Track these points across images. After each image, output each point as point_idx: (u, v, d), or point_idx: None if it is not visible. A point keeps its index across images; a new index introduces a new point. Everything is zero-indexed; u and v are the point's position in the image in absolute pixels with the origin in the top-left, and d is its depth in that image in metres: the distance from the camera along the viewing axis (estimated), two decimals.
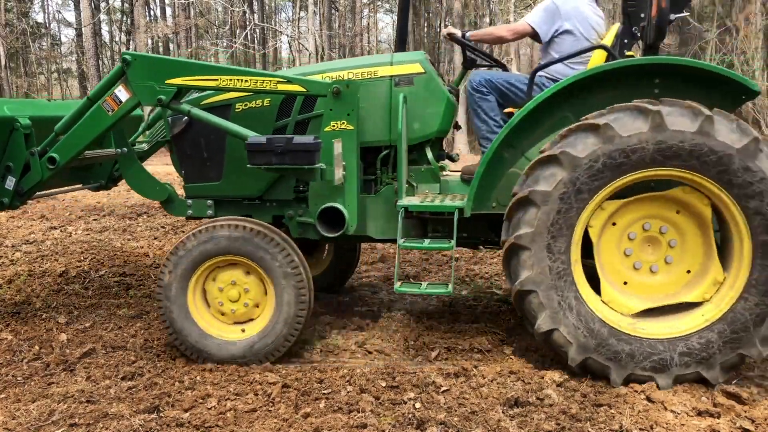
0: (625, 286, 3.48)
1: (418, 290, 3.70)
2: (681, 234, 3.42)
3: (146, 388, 3.37)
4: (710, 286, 3.35)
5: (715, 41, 23.08)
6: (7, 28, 30.12)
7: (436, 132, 4.01)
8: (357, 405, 3.10)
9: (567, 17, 3.98)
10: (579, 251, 3.38)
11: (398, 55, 4.07)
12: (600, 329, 3.32)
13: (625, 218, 3.44)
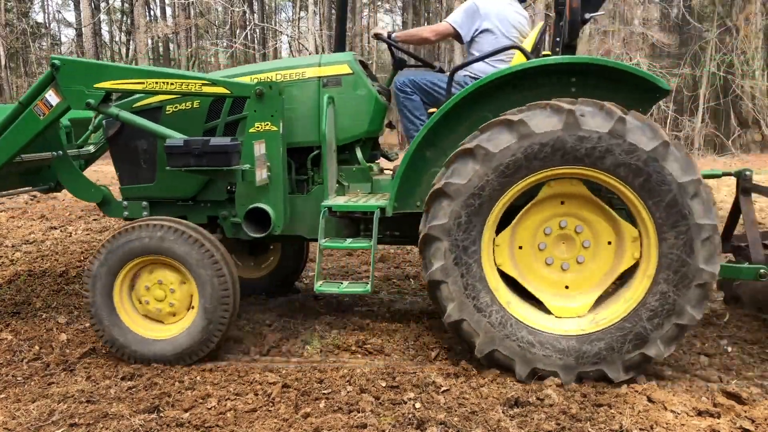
0: (568, 290, 3.51)
1: (338, 290, 3.71)
2: (582, 220, 3.45)
3: (146, 388, 3.37)
4: (632, 244, 3.37)
5: (715, 41, 23.07)
6: (7, 28, 30.11)
7: (365, 132, 4.06)
8: (357, 405, 3.10)
9: (487, 17, 4.03)
10: (491, 244, 3.41)
11: (326, 56, 4.12)
12: (509, 323, 3.35)
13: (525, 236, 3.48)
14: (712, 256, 3.18)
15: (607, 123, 3.15)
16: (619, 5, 22.95)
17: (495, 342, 3.36)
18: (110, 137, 4.19)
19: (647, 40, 23.29)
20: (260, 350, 3.97)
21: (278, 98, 3.69)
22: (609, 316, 3.34)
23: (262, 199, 3.75)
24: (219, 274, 3.59)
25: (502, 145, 3.22)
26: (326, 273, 5.83)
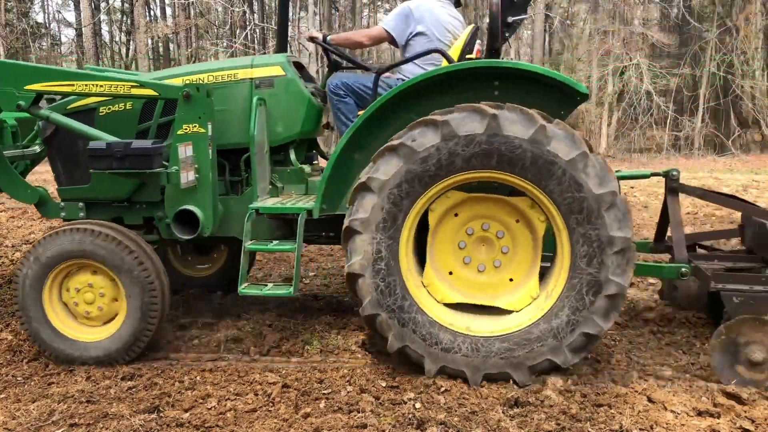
0: (450, 276, 3.53)
1: (261, 292, 3.71)
2: (515, 242, 3.49)
3: (146, 388, 3.37)
4: (524, 298, 3.43)
5: (715, 41, 23.07)
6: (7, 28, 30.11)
7: (298, 133, 4.07)
8: (357, 405, 3.10)
9: (420, 20, 4.04)
10: (411, 241, 3.43)
11: (259, 57, 4.14)
12: (422, 320, 3.37)
13: (468, 213, 3.49)
14: (623, 269, 3.21)
15: (528, 130, 3.18)
16: (619, 5, 22.95)
17: (406, 338, 3.38)
18: (46, 138, 4.20)
19: (647, 40, 23.29)
20: (260, 350, 3.97)
21: (206, 100, 3.71)
22: (519, 320, 3.38)
23: (191, 201, 3.76)
24: (145, 276, 3.60)
25: (425, 144, 3.25)
26: (326, 273, 5.83)
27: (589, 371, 3.56)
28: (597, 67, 23.46)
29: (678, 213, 3.89)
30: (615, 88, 22.94)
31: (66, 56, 38.72)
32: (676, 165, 20.24)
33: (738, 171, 17.27)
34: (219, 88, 3.92)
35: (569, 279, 3.26)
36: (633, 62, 21.88)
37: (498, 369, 3.33)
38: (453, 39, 4.10)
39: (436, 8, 4.10)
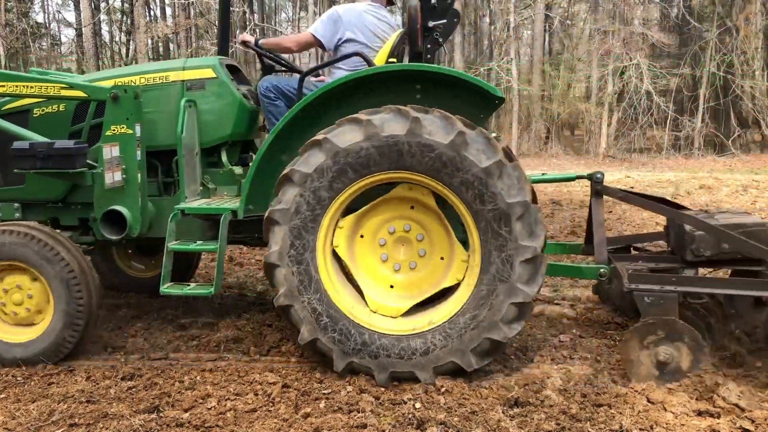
0: (392, 289, 3.56)
1: (182, 291, 3.73)
2: (423, 227, 3.51)
3: (146, 388, 3.37)
4: (460, 265, 3.43)
5: (715, 41, 23.06)
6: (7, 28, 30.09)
7: (229, 135, 4.10)
8: (357, 405, 3.10)
9: (349, 26, 4.08)
10: (329, 237, 3.46)
11: (191, 60, 4.19)
12: (335, 315, 3.39)
13: (370, 228, 3.54)
14: (531, 277, 3.25)
15: (447, 135, 3.21)
16: (619, 5, 22.95)
17: (317, 331, 3.40)
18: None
19: (647, 40, 23.29)
20: (260, 350, 3.97)
21: (134, 102, 3.75)
22: (425, 322, 3.40)
23: (118, 202, 3.81)
24: (70, 277, 3.61)
25: (348, 141, 3.29)
26: None
27: (589, 371, 3.56)
28: (597, 67, 23.46)
29: (601, 215, 3.93)
30: (615, 88, 22.93)
31: (66, 56, 38.72)
32: (676, 165, 20.28)
33: (738, 171, 17.28)
34: (150, 90, 3.96)
35: (478, 284, 3.29)
36: (633, 62, 21.88)
37: (404, 368, 3.36)
38: (382, 43, 4.13)
39: (365, 14, 4.15)
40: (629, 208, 9.62)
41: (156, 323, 4.52)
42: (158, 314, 4.73)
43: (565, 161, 22.17)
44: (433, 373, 3.35)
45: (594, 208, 3.97)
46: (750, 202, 10.11)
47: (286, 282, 3.40)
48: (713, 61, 22.89)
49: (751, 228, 3.66)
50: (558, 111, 24.61)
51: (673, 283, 3.44)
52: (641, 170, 18.16)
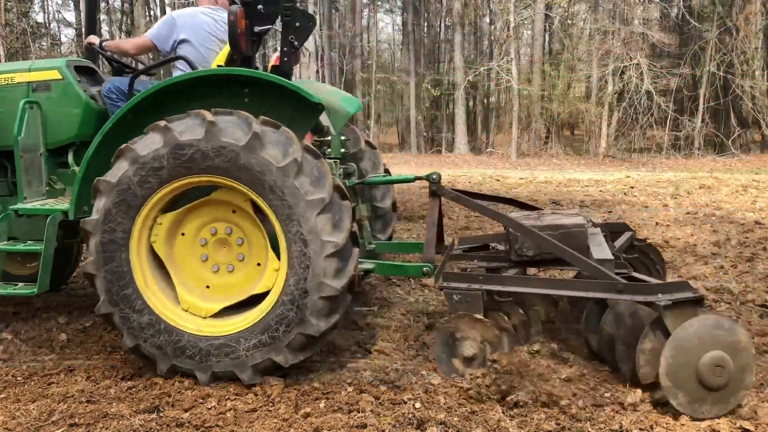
0: (209, 289, 3.58)
1: (5, 291, 3.75)
2: (244, 231, 3.54)
3: (146, 388, 3.37)
4: (271, 274, 3.46)
5: (715, 41, 23.07)
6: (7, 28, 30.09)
7: (76, 136, 4.12)
8: (357, 405, 3.10)
9: (183, 28, 4.12)
10: (144, 242, 3.47)
11: (38, 62, 4.23)
12: (153, 321, 3.42)
13: (192, 226, 3.56)
14: (338, 271, 3.28)
15: (244, 136, 3.24)
16: (619, 5, 22.96)
17: (138, 336, 3.42)
18: None
19: (647, 40, 23.30)
20: None
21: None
22: (241, 322, 3.42)
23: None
24: None
25: (149, 148, 3.31)
26: None
27: (589, 371, 3.56)
28: (597, 67, 23.47)
29: (435, 214, 3.96)
30: (615, 88, 22.94)
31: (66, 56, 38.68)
32: (676, 165, 20.29)
33: (738, 171, 17.28)
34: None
35: (287, 280, 3.32)
36: (633, 62, 21.88)
37: (225, 368, 3.40)
38: (221, 44, 4.16)
39: (201, 15, 4.17)
40: (628, 208, 9.63)
41: None
42: None
43: (565, 161, 22.18)
44: (252, 371, 3.38)
45: (430, 208, 4.01)
46: (750, 202, 10.11)
47: (104, 290, 3.43)
48: (713, 61, 22.91)
49: (570, 229, 3.75)
50: (558, 111, 24.62)
51: (479, 282, 3.50)
52: (641, 170, 18.16)
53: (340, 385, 3.35)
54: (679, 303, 3.10)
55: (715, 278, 5.52)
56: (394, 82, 31.45)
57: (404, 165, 21.30)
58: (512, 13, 24.06)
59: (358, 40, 30.24)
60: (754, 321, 4.37)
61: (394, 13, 38.72)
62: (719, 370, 2.92)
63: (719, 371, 2.92)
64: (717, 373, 2.92)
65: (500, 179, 14.46)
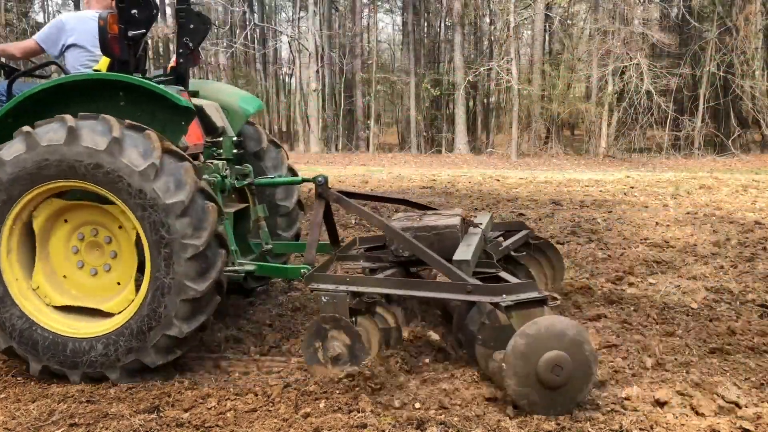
0: (65, 279, 3.64)
1: None
2: (120, 247, 3.59)
3: (146, 388, 3.37)
4: (123, 302, 3.53)
5: (715, 41, 23.07)
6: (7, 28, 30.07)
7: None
8: (357, 405, 3.09)
9: (73, 32, 4.15)
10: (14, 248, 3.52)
11: None
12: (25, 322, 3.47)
13: (77, 219, 3.60)
14: (199, 274, 3.32)
15: (104, 140, 3.27)
16: (619, 5, 22.95)
17: (10, 338, 3.47)
18: None
19: (647, 40, 23.30)
20: (260, 350, 3.97)
21: None
22: (114, 323, 3.46)
23: None
24: None
25: (13, 153, 3.35)
26: None
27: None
28: (597, 67, 23.47)
29: (319, 216, 3.98)
30: (615, 88, 22.94)
31: None
32: (676, 165, 20.28)
33: (738, 171, 17.28)
34: None
35: (151, 283, 3.35)
36: (633, 62, 21.88)
37: (93, 368, 3.44)
38: None
39: (91, 20, 4.17)
40: (628, 208, 9.64)
41: None
42: None
43: (565, 161, 22.17)
44: (120, 372, 3.43)
45: (315, 210, 4.04)
46: (750, 202, 10.11)
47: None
48: (713, 61, 22.91)
49: (442, 230, 3.81)
50: (558, 111, 24.62)
51: (346, 283, 3.53)
52: (641, 170, 18.16)
53: (339, 386, 3.35)
54: (522, 304, 3.16)
55: (715, 278, 5.52)
56: (394, 82, 31.43)
57: (404, 165, 21.29)
58: (512, 13, 24.06)
59: (358, 40, 30.22)
60: (754, 321, 4.37)
61: (394, 13, 38.73)
62: (558, 369, 2.93)
63: (558, 371, 2.94)
64: (556, 372, 2.94)
65: (500, 179, 14.46)
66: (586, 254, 6.44)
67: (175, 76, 4.28)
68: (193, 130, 4.18)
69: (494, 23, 28.75)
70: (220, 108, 4.59)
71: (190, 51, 4.10)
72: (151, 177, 3.25)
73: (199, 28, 4.08)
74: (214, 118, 4.43)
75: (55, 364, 3.46)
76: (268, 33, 34.66)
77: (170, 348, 3.42)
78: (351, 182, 13.87)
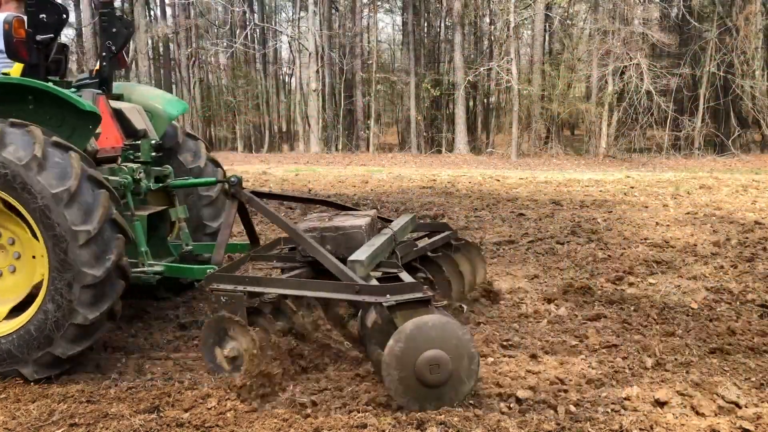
0: None
1: None
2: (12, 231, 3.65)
3: (146, 388, 3.37)
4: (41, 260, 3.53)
5: (715, 41, 23.08)
6: None
7: None
8: (357, 405, 3.10)
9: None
10: None
11: None
12: None
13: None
14: (93, 260, 3.36)
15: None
16: (619, 5, 22.95)
17: None
18: None
19: (647, 40, 23.29)
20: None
21: None
22: (18, 319, 3.50)
23: None
24: None
25: None
26: None
27: (589, 371, 3.56)
28: (597, 67, 23.47)
29: (231, 216, 3.99)
30: (615, 88, 22.95)
31: None
32: (676, 165, 20.27)
33: (738, 171, 17.27)
34: None
35: (51, 275, 3.39)
36: (633, 62, 21.88)
37: (8, 366, 3.49)
38: None
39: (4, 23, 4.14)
40: (628, 208, 9.64)
41: (156, 323, 4.53)
42: (158, 314, 4.73)
43: (565, 161, 22.17)
44: (33, 367, 3.46)
45: (226, 210, 4.06)
46: (750, 202, 10.11)
47: None
48: (713, 61, 22.92)
49: (348, 230, 3.88)
50: (558, 111, 24.62)
51: (244, 284, 3.54)
52: (641, 170, 18.16)
53: (339, 385, 3.35)
54: (404, 304, 3.20)
55: (715, 278, 5.52)
56: (394, 82, 31.42)
57: (404, 165, 21.29)
58: (512, 13, 24.05)
59: (358, 40, 30.22)
60: (754, 321, 4.37)
61: (394, 13, 38.72)
62: (436, 368, 2.98)
63: (436, 369, 2.98)
64: (434, 370, 2.97)
65: (500, 179, 14.45)
66: (586, 254, 6.44)
67: (99, 80, 4.35)
68: (111, 132, 4.25)
69: (494, 23, 28.75)
70: (143, 111, 4.65)
71: (113, 54, 4.15)
72: (35, 169, 3.30)
73: (122, 31, 4.12)
74: (135, 121, 4.48)
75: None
76: (268, 33, 34.66)
77: (79, 337, 3.44)
78: (351, 182, 13.87)
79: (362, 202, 10.53)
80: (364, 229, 3.91)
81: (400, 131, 34.46)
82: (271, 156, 26.34)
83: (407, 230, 4.55)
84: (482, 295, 4.87)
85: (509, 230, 7.88)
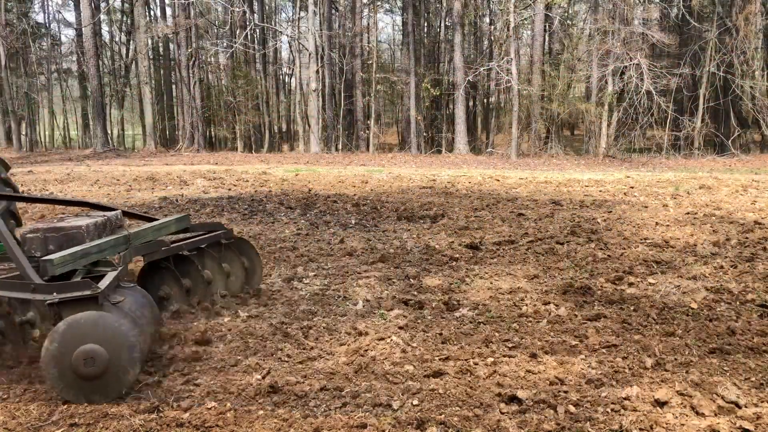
0: None
1: None
2: None
3: (146, 389, 3.37)
4: None
5: (715, 41, 23.07)
6: (7, 28, 30.05)
7: None
8: (357, 405, 3.10)
9: None
10: None
11: None
12: None
13: None
14: None
15: None
16: (619, 5, 22.95)
17: None
18: None
19: (647, 40, 23.30)
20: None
21: None
22: None
23: None
24: None
25: None
26: (326, 273, 5.83)
27: (588, 371, 3.56)
28: (597, 67, 23.47)
29: None
30: (615, 88, 22.95)
31: (66, 56, 38.67)
32: (676, 165, 20.26)
33: (738, 171, 17.27)
34: None
35: None
36: (633, 62, 21.88)
37: None
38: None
39: None
40: (628, 208, 9.63)
41: None
42: None
43: (565, 161, 22.18)
44: None
45: None
46: (750, 202, 10.11)
47: None
48: (713, 61, 22.92)
49: (68, 231, 3.93)
50: (558, 111, 24.63)
51: None
52: (641, 170, 18.16)
53: (339, 385, 3.35)
54: (69, 301, 3.28)
55: (715, 278, 5.52)
56: (394, 82, 31.44)
57: (404, 165, 21.29)
58: (512, 13, 24.05)
59: (358, 40, 30.22)
60: (754, 321, 4.38)
61: (394, 13, 38.73)
62: (91, 361, 3.13)
63: (91, 362, 3.13)
64: (89, 363, 3.13)
65: (500, 179, 14.45)
66: (586, 254, 6.44)
67: None
68: None
69: (494, 23, 28.75)
70: None
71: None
72: None
73: None
74: None
75: None
76: (268, 33, 34.65)
77: None
78: (351, 182, 13.87)
79: (362, 202, 10.53)
80: (85, 229, 3.97)
81: (400, 131, 34.48)
82: (271, 156, 26.34)
83: (165, 230, 4.65)
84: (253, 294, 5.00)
85: (509, 230, 7.88)
